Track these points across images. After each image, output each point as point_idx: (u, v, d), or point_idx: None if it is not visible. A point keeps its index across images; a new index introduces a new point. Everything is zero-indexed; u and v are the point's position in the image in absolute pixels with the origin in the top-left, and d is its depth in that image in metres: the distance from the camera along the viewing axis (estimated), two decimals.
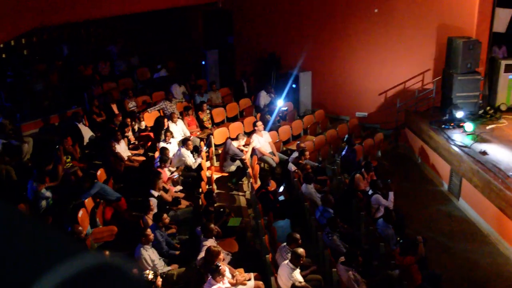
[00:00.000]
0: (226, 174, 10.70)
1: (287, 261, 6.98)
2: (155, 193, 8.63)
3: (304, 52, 14.11)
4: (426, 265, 8.06)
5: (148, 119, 12.15)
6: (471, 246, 9.55)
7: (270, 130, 11.92)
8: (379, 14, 13.73)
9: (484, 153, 10.79)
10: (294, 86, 14.44)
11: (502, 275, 8.69)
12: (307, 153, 10.70)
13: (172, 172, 9.87)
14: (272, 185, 10.18)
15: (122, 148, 10.42)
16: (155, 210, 8.19)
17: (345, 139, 12.07)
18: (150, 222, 7.88)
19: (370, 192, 9.62)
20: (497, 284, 8.37)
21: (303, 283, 6.75)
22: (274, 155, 11.34)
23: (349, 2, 13.96)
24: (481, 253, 9.31)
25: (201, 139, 11.69)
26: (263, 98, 13.64)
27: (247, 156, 10.80)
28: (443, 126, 12.33)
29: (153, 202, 8.36)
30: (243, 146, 11.07)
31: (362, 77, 14.14)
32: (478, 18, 13.51)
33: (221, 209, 8.92)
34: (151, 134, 11.69)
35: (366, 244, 8.52)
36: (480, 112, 12.89)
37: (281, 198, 10.10)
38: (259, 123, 11.41)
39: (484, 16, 13.51)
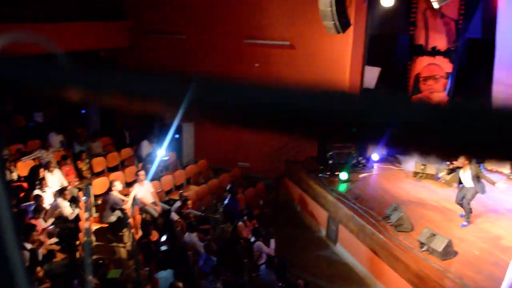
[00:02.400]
0: (106, 225, 10.31)
1: None
2: (28, 246, 8.07)
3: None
4: None
5: (22, 169, 11.45)
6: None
7: (152, 180, 11.73)
8: (260, 68, 14.30)
9: (358, 199, 11.41)
10: (177, 136, 14.44)
11: None
12: (189, 202, 10.68)
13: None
14: (154, 235, 9.97)
15: None
16: (27, 264, 7.64)
17: (227, 188, 12.19)
18: None
19: (253, 239, 9.73)
20: None
21: None
22: (156, 205, 11.16)
23: (229, 56, 14.40)
24: None
25: (80, 189, 11.22)
26: (145, 147, 13.47)
27: (127, 206, 10.51)
28: (320, 175, 12.91)
29: (25, 255, 7.81)
30: (124, 195, 10.78)
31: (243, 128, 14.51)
32: (350, 74, 14.55)
33: (100, 261, 8.53)
34: (24, 184, 11.00)
35: None
36: (354, 161, 13.65)
37: (164, 248, 9.88)
38: (141, 173, 11.22)
39: (355, 73, 14.59)
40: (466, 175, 10.44)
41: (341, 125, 0.68)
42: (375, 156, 14.20)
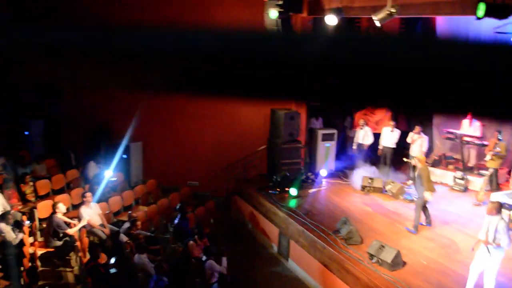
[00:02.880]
0: (52, 249, 9.97)
1: None
2: None
3: (135, 122, 14.03)
4: None
5: None
6: None
7: (99, 201, 11.47)
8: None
9: (308, 214, 11.52)
10: (124, 156, 14.21)
11: None
12: (139, 223, 10.51)
13: None
14: (103, 258, 9.73)
15: None
16: None
17: (177, 207, 12.06)
18: None
19: (204, 258, 9.64)
20: None
21: None
22: (104, 227, 10.90)
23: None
24: None
25: (23, 213, 10.83)
26: (92, 168, 13.19)
27: (74, 230, 10.22)
28: (270, 191, 12.98)
29: None
30: (71, 218, 10.48)
31: (192, 147, 14.45)
32: None
33: (46, 287, 8.24)
34: None
35: None
36: (303, 177, 13.80)
37: (113, 270, 9.64)
38: (88, 194, 10.95)
39: None
40: (416, 174, 10.98)
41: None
42: (323, 172, 14.41)
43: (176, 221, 11.30)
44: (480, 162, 14.94)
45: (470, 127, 15.26)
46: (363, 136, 14.93)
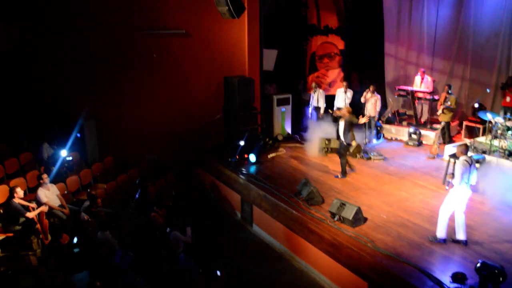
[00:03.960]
0: (11, 234, 9.74)
1: None
2: None
3: (88, 100, 13.69)
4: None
5: None
6: (269, 266, 10.08)
7: (56, 182, 11.24)
8: (159, 58, 14.06)
9: (268, 179, 11.61)
10: (78, 135, 13.89)
11: (299, 286, 9.34)
12: (99, 200, 10.36)
13: None
14: (65, 238, 9.60)
15: None
16: None
17: (137, 182, 11.93)
18: None
19: (168, 230, 9.63)
20: None
21: None
22: (64, 208, 10.71)
23: (128, 49, 13.99)
24: (278, 271, 9.88)
25: None
26: (46, 150, 12.84)
27: (34, 213, 9.99)
28: (229, 159, 13.00)
29: None
30: (29, 201, 10.23)
31: (148, 121, 14.24)
32: (249, 58, 14.71)
33: (9, 272, 8.07)
34: None
35: (171, 280, 8.45)
36: (261, 143, 13.86)
37: (76, 250, 9.55)
38: (44, 176, 10.69)
39: (254, 57, 14.76)
40: (340, 126, 11.50)
41: None
42: (280, 136, 14.51)
43: (137, 196, 11.21)
44: (433, 117, 15.34)
45: (422, 83, 15.60)
46: (317, 98, 15.04)
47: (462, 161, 8.26)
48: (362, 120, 11.63)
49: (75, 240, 9.84)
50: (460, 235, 8.49)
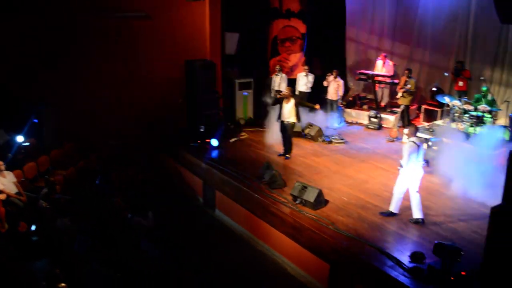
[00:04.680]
0: None
1: None
2: None
3: (45, 85, 13.31)
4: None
5: None
6: (232, 250, 10.11)
7: (13, 169, 10.94)
8: (119, 42, 13.75)
9: (231, 163, 11.58)
10: (36, 121, 13.52)
11: (262, 269, 9.41)
12: (57, 187, 10.15)
13: None
14: (23, 226, 9.38)
15: None
16: None
17: (98, 168, 11.75)
18: None
19: (130, 215, 9.52)
20: (259, 278, 8.97)
21: None
22: (21, 195, 10.45)
23: (87, 32, 13.62)
24: (241, 255, 9.92)
25: None
26: (1, 136, 12.48)
27: None
28: (191, 144, 12.91)
29: None
30: None
31: (109, 105, 13.94)
32: (210, 41, 14.57)
33: None
34: None
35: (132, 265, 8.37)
36: (223, 128, 13.78)
37: (35, 238, 9.34)
38: (0, 163, 10.40)
39: (215, 40, 14.63)
40: (287, 107, 11.52)
41: None
42: (241, 121, 14.47)
43: (97, 182, 11.04)
44: (392, 100, 15.57)
45: (384, 67, 15.78)
46: (279, 82, 15.03)
47: (409, 143, 8.56)
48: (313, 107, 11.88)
49: (33, 228, 9.62)
50: (416, 214, 8.70)
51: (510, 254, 5.92)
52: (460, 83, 14.22)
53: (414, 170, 8.56)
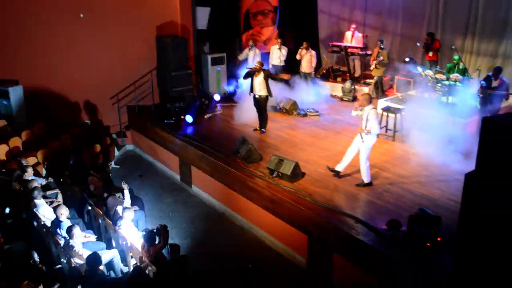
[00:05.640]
0: None
1: (26, 281, 6.42)
2: None
3: (11, 64, 12.96)
4: (173, 251, 8.25)
5: None
6: (210, 226, 10.11)
7: None
8: (86, 18, 13.43)
9: (206, 139, 11.51)
10: (5, 102, 13.21)
11: (241, 244, 9.43)
12: (30, 169, 9.96)
13: None
14: None
15: None
16: None
17: (70, 149, 11.57)
18: None
19: (105, 195, 9.43)
20: (239, 252, 8.98)
21: None
22: None
23: (53, 6, 13.23)
24: (220, 230, 9.93)
25: None
26: None
27: None
28: (165, 121, 12.77)
29: None
30: None
31: (79, 85, 13.66)
32: (181, 17, 14.33)
33: None
34: None
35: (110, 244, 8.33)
36: (197, 104, 13.66)
37: (9, 221, 9.18)
38: None
39: (186, 15, 14.40)
40: (257, 81, 11.58)
41: None
42: (216, 96, 14.36)
43: (71, 162, 10.87)
44: (366, 72, 15.59)
45: (353, 39, 15.75)
46: (253, 57, 14.92)
47: (374, 110, 8.73)
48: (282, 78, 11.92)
49: (7, 210, 9.45)
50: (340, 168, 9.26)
51: (485, 220, 6.01)
52: (430, 54, 14.29)
53: (370, 137, 8.79)
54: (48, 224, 8.35)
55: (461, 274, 6.44)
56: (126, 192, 9.10)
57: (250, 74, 11.61)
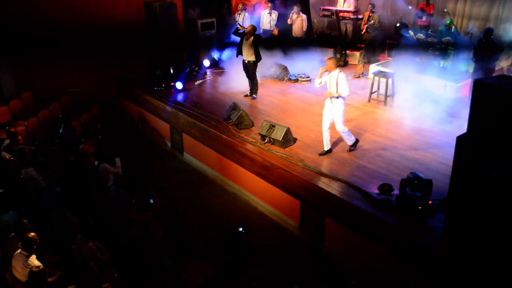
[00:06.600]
0: None
1: (19, 250, 6.43)
2: None
3: None
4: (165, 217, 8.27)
5: None
6: (202, 192, 10.12)
7: None
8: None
9: (197, 106, 11.43)
10: None
11: (233, 211, 9.45)
12: (20, 137, 9.87)
13: None
14: None
15: None
16: None
17: (60, 117, 11.45)
18: None
19: (97, 163, 9.38)
20: (231, 219, 9.00)
21: (41, 267, 6.24)
22: None
23: None
24: (212, 197, 9.94)
25: None
26: None
27: None
28: (155, 88, 12.64)
29: None
30: None
31: (64, 51, 13.39)
32: None
33: None
34: None
35: (103, 213, 8.31)
36: (187, 70, 13.51)
37: (0, 190, 9.15)
38: None
39: None
40: (246, 45, 11.47)
41: None
42: (206, 62, 14.19)
43: (61, 131, 10.78)
44: (357, 36, 15.45)
45: (345, 2, 15.55)
46: (242, 21, 14.70)
47: (343, 74, 8.49)
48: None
49: None
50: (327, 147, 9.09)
51: (476, 182, 6.05)
52: (424, 18, 14.15)
53: (340, 100, 8.64)
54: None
55: (453, 236, 6.52)
56: (118, 160, 9.10)
57: (240, 34, 11.49)
